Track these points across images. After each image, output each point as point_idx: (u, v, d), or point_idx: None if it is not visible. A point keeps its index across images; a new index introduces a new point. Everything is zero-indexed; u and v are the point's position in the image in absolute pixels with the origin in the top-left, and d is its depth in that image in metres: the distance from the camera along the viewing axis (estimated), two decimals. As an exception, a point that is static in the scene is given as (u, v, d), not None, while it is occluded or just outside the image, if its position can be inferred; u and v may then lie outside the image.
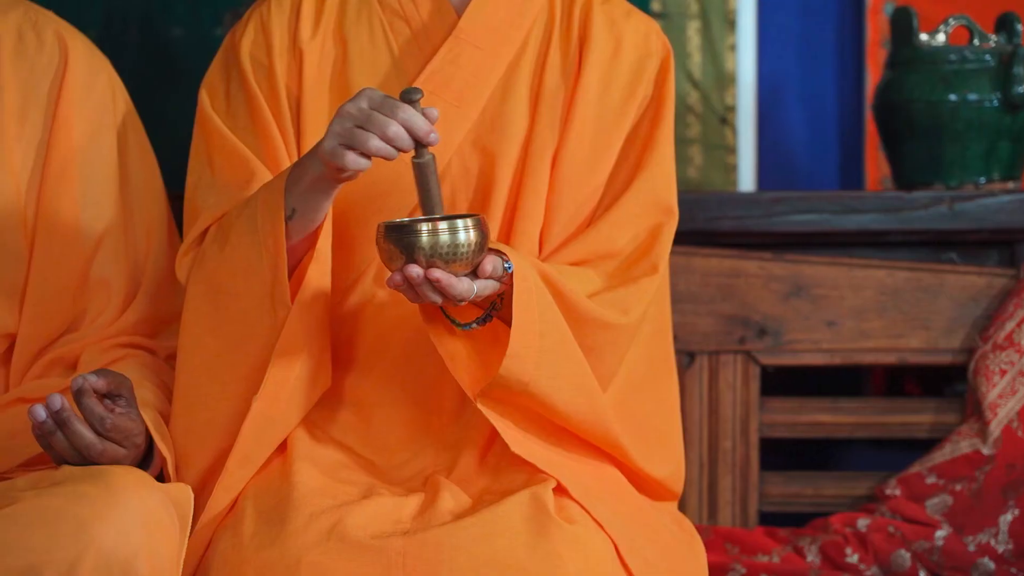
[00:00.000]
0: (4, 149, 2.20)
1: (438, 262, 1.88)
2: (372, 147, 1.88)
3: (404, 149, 1.90)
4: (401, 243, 1.88)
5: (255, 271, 2.02)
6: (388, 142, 1.89)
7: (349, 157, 1.90)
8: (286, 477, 2.03)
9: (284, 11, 2.21)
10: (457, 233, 1.88)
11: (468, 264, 1.90)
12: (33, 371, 2.21)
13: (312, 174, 1.97)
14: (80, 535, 1.83)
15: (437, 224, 1.88)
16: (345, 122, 1.90)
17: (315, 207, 1.99)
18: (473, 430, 2.09)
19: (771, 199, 2.64)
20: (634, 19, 2.21)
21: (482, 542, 1.91)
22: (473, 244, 1.89)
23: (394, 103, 1.89)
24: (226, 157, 2.14)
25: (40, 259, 2.20)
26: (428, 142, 1.90)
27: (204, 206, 2.13)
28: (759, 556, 2.47)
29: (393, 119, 1.88)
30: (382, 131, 1.88)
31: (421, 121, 1.89)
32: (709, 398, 2.63)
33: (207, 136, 2.17)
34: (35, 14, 2.28)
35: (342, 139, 1.90)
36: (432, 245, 1.87)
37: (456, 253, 1.88)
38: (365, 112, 1.89)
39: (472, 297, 1.91)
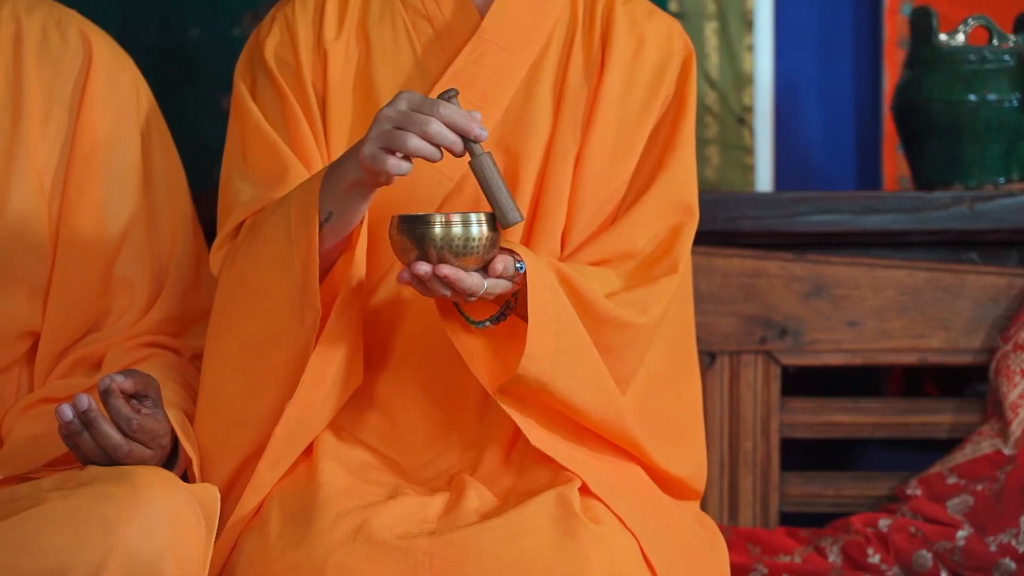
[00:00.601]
0: (28, 147, 2.20)
1: (448, 255, 1.88)
2: (412, 146, 1.88)
3: (448, 147, 1.89)
4: (413, 235, 1.89)
5: (286, 272, 2.02)
6: (429, 139, 1.88)
7: (391, 162, 1.89)
8: (312, 478, 2.02)
9: (308, 11, 2.21)
10: (470, 226, 1.89)
11: (479, 259, 1.90)
12: (57, 371, 2.21)
13: (350, 178, 1.96)
14: (106, 536, 1.83)
15: (450, 216, 1.89)
16: (383, 125, 1.89)
17: (352, 211, 1.99)
18: (497, 428, 2.09)
19: (791, 199, 2.64)
20: (656, 19, 2.21)
21: (508, 542, 1.91)
22: (485, 238, 1.89)
23: (433, 101, 1.89)
24: (261, 150, 2.14)
25: (63, 258, 2.20)
26: (476, 136, 1.89)
27: (238, 200, 2.13)
28: (781, 556, 2.47)
29: (433, 117, 1.88)
30: (422, 130, 1.87)
31: (462, 117, 1.88)
32: (730, 398, 2.63)
33: (243, 126, 2.17)
34: (59, 12, 2.28)
35: (381, 143, 1.89)
36: (444, 237, 1.88)
37: (467, 247, 1.88)
38: (403, 113, 1.89)
39: (481, 293, 1.91)
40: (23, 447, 2.11)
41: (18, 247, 2.18)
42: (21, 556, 1.82)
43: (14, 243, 2.17)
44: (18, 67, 2.22)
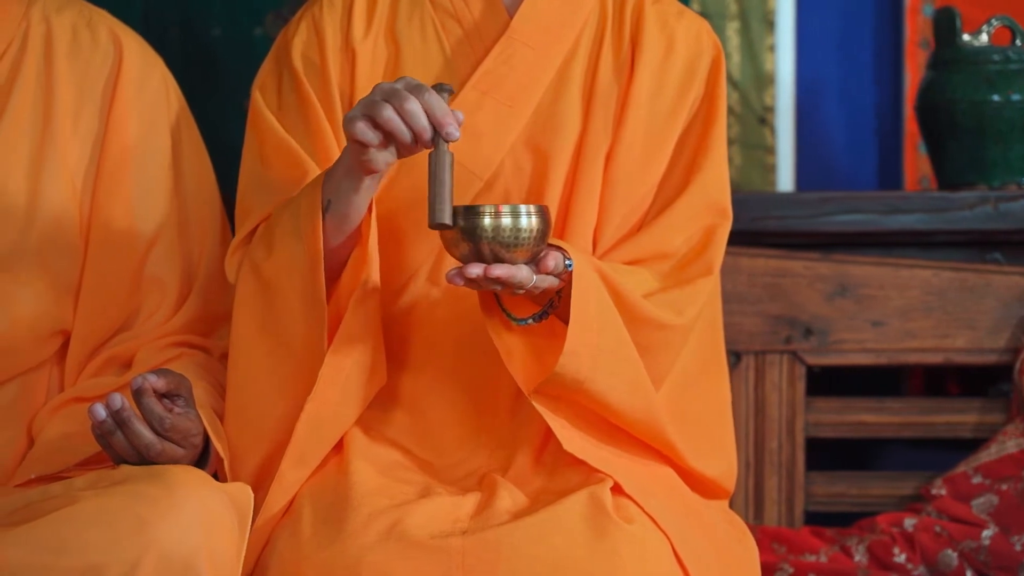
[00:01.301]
0: (59, 147, 2.20)
1: (498, 247, 1.88)
2: (384, 116, 1.87)
3: (418, 131, 1.87)
4: (462, 226, 1.88)
5: (297, 267, 2.02)
6: (401, 115, 1.87)
7: (359, 124, 1.88)
8: (343, 477, 2.03)
9: (336, 11, 2.21)
10: (519, 218, 1.88)
11: (528, 251, 1.89)
12: (88, 370, 2.21)
13: (344, 162, 1.97)
14: (141, 535, 1.83)
15: (500, 207, 1.88)
16: (373, 96, 1.89)
17: (347, 200, 1.98)
18: (528, 429, 2.09)
19: (817, 199, 2.64)
20: (686, 18, 2.21)
21: (541, 542, 1.91)
22: (535, 230, 1.89)
23: (424, 88, 1.89)
24: (280, 156, 2.14)
25: (95, 257, 2.21)
26: (445, 133, 1.87)
27: (256, 204, 2.13)
28: (806, 555, 2.47)
29: (415, 98, 1.87)
30: (399, 104, 1.87)
31: (442, 108, 1.87)
32: (755, 398, 2.63)
33: (260, 135, 2.17)
34: (89, 12, 2.29)
35: (362, 109, 1.89)
36: (494, 228, 1.87)
37: (517, 238, 1.88)
38: (392, 89, 1.89)
39: (530, 286, 1.90)
40: (54, 446, 2.12)
41: (49, 246, 2.18)
42: (56, 555, 1.82)
43: (45, 242, 2.18)
44: (49, 67, 2.23)
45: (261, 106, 2.18)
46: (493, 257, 1.88)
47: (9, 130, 2.19)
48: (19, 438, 2.17)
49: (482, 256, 1.88)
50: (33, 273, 2.17)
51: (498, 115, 2.13)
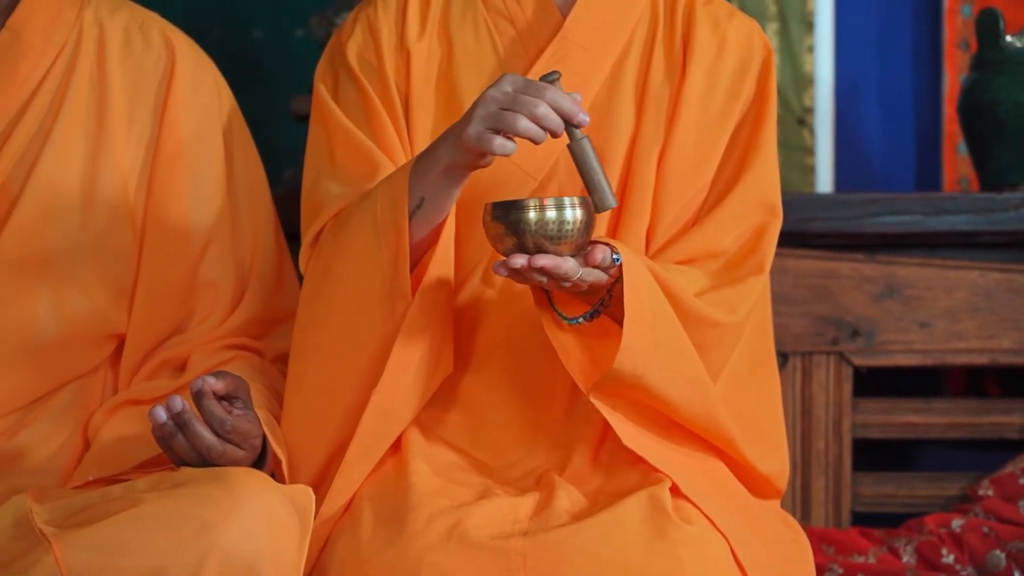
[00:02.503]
0: (113, 149, 2.21)
1: (543, 240, 1.88)
2: (521, 128, 1.88)
3: (552, 130, 1.89)
4: (507, 220, 1.88)
5: (373, 263, 2.02)
6: (537, 122, 1.88)
7: (496, 141, 1.89)
8: (402, 478, 2.03)
9: (390, 12, 2.21)
10: (564, 210, 1.88)
11: (573, 244, 1.89)
12: (142, 373, 2.22)
13: (445, 161, 1.97)
14: (204, 537, 1.83)
15: (544, 200, 1.88)
16: (490, 106, 1.90)
17: (445, 195, 1.99)
18: (585, 428, 2.09)
19: (862, 200, 2.65)
20: (736, 19, 2.22)
21: (601, 543, 1.92)
22: (579, 222, 1.89)
23: (540, 84, 1.89)
24: (349, 150, 2.14)
25: (149, 260, 2.21)
26: (578, 121, 1.89)
27: (327, 199, 2.13)
28: (855, 556, 2.47)
29: (541, 99, 1.88)
30: (530, 111, 1.88)
31: (567, 100, 1.89)
32: (802, 399, 2.63)
33: (327, 128, 2.17)
34: (141, 15, 2.29)
35: (488, 123, 1.89)
36: (539, 221, 1.87)
37: (562, 231, 1.88)
38: (510, 95, 1.89)
39: (576, 278, 1.90)
40: (111, 448, 2.12)
41: (104, 249, 2.18)
42: (120, 556, 1.83)
43: (100, 245, 2.18)
44: (102, 70, 2.23)
45: (326, 98, 2.18)
46: (538, 251, 1.88)
47: (64, 133, 2.19)
48: (75, 440, 2.18)
49: (527, 250, 1.88)
50: (88, 276, 2.17)
51: (552, 115, 2.14)
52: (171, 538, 1.83)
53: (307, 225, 2.15)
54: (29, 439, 2.15)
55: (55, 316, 2.16)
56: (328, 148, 2.17)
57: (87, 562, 1.83)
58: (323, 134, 2.18)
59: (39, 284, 2.15)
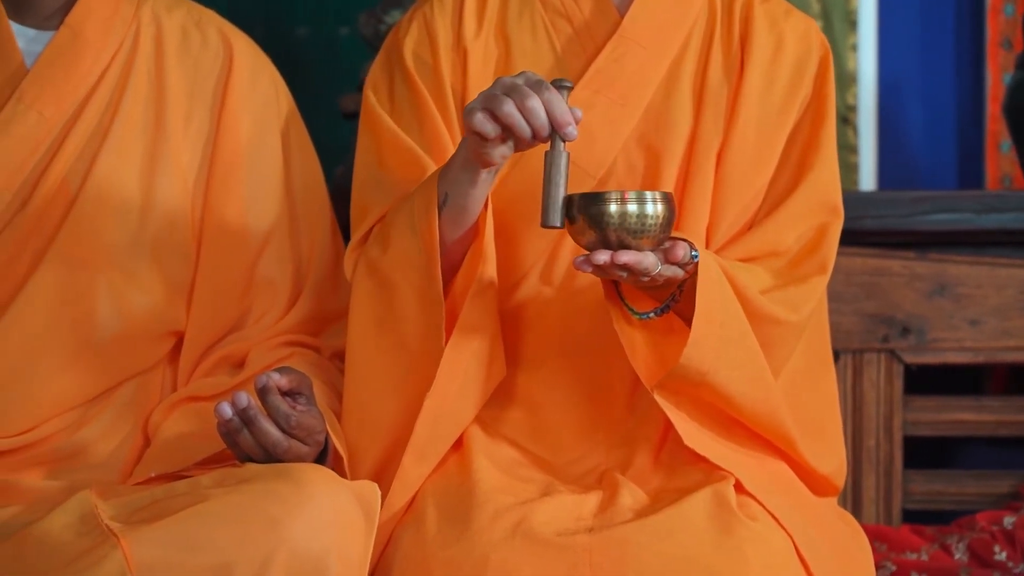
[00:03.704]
0: (171, 147, 2.21)
1: (624, 234, 1.88)
2: (505, 110, 1.87)
3: (536, 128, 1.88)
4: (588, 213, 1.88)
5: (413, 263, 2.03)
6: (522, 112, 1.87)
7: (478, 115, 1.88)
8: (467, 475, 2.03)
9: (447, 11, 2.22)
10: (645, 204, 1.88)
11: (653, 239, 1.89)
12: (200, 369, 2.22)
13: (460, 155, 1.98)
14: (272, 532, 1.83)
15: (626, 194, 1.88)
16: (494, 90, 1.90)
17: (464, 192, 1.99)
18: (646, 427, 2.09)
19: (912, 198, 2.65)
20: (793, 18, 2.22)
21: (667, 539, 1.92)
22: (660, 217, 1.88)
23: (545, 84, 1.89)
24: (397, 155, 2.15)
25: (208, 257, 2.21)
26: (564, 133, 1.88)
27: (373, 203, 2.14)
28: (907, 554, 2.47)
29: (536, 94, 1.88)
30: (520, 100, 1.87)
31: (561, 107, 1.88)
32: (853, 396, 2.64)
33: (376, 134, 2.18)
34: (198, 13, 2.30)
35: (482, 102, 1.90)
36: (620, 215, 1.87)
37: (644, 225, 1.88)
38: (513, 83, 1.89)
39: (655, 274, 1.90)
40: (172, 445, 2.12)
41: (163, 247, 2.19)
42: (188, 552, 1.83)
43: (159, 243, 2.18)
44: (160, 67, 2.23)
45: (375, 105, 2.19)
46: (619, 244, 1.88)
47: (123, 130, 2.19)
48: (135, 436, 2.18)
49: (608, 244, 1.88)
50: (147, 273, 2.18)
51: (610, 114, 2.14)
52: (238, 534, 1.83)
53: (354, 228, 2.16)
54: (90, 435, 2.16)
55: (115, 313, 2.16)
56: (376, 153, 2.18)
57: (155, 558, 1.83)
58: (372, 140, 2.19)
59: (99, 281, 2.16)
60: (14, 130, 2.15)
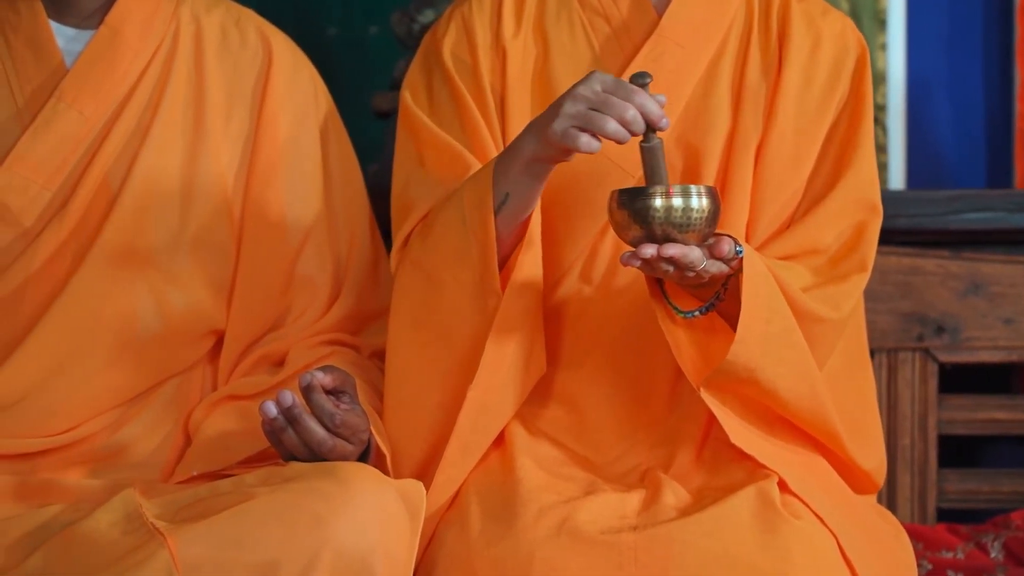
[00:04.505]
0: (211, 145, 2.21)
1: (670, 228, 1.88)
2: (610, 130, 1.89)
3: (638, 134, 1.90)
4: (633, 208, 1.88)
5: (463, 261, 2.04)
6: (625, 126, 1.89)
7: (583, 139, 1.90)
8: (509, 472, 2.04)
9: (485, 10, 2.22)
10: (690, 198, 1.89)
11: (699, 233, 1.89)
12: (240, 368, 2.23)
13: (527, 155, 1.98)
14: (317, 531, 1.84)
15: (671, 188, 1.88)
16: (579, 104, 1.91)
17: (528, 190, 2.00)
18: (687, 425, 2.10)
19: (947, 197, 2.65)
20: (831, 16, 2.23)
21: (711, 537, 1.92)
22: (706, 211, 1.89)
23: (629, 87, 1.90)
24: (438, 153, 2.15)
25: (248, 256, 2.22)
26: (660, 127, 1.91)
27: (417, 201, 2.14)
28: (943, 552, 2.47)
29: (630, 104, 1.89)
30: (620, 115, 1.89)
31: (654, 106, 1.90)
32: (888, 395, 2.64)
33: (415, 133, 2.18)
34: (237, 12, 2.30)
35: (576, 121, 1.90)
36: (666, 209, 1.88)
37: (689, 219, 1.88)
38: (600, 95, 1.90)
39: (700, 269, 1.91)
40: (214, 444, 2.12)
41: (203, 246, 2.19)
42: (234, 550, 1.83)
43: (199, 242, 2.19)
44: (199, 66, 2.24)
45: (411, 106, 2.20)
46: (665, 239, 1.89)
47: (163, 129, 2.20)
48: (176, 435, 2.19)
49: (654, 238, 1.89)
50: (187, 272, 2.18)
51: (649, 113, 2.14)
52: (284, 533, 1.84)
53: (397, 227, 2.16)
54: (131, 434, 2.16)
55: (156, 312, 2.16)
56: (416, 152, 2.18)
57: (201, 556, 1.83)
58: (411, 139, 2.20)
59: (139, 280, 2.16)
60: (54, 129, 2.16)
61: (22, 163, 2.15)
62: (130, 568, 1.83)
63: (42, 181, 2.15)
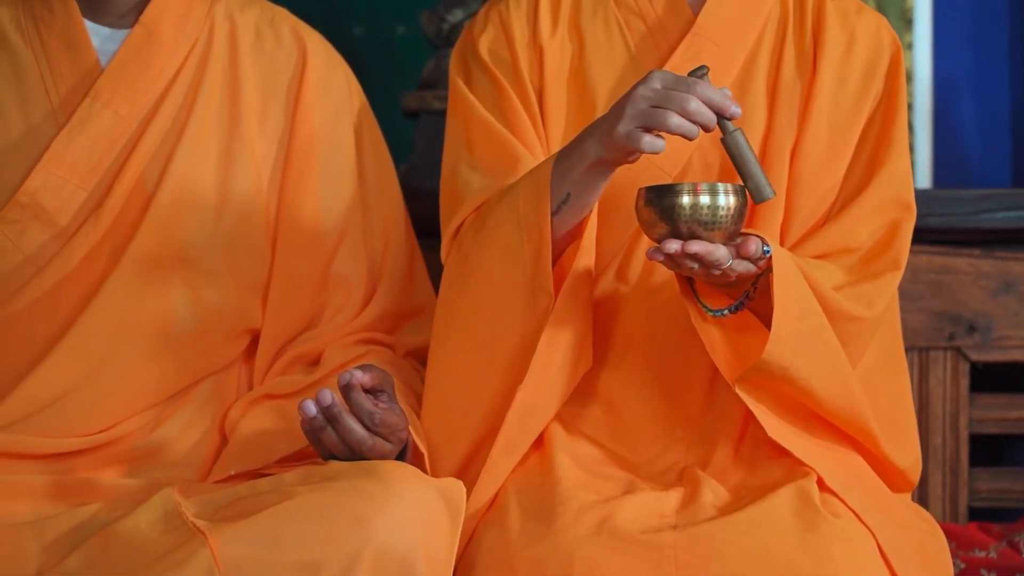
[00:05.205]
0: (246, 145, 2.21)
1: (696, 226, 1.88)
2: (673, 124, 1.88)
3: (704, 124, 1.89)
4: (660, 205, 1.88)
5: (515, 259, 2.03)
6: (688, 117, 1.88)
7: (646, 139, 1.89)
8: (548, 472, 2.03)
9: (522, 9, 2.23)
10: (717, 196, 1.88)
11: (725, 232, 1.89)
12: (276, 367, 2.22)
13: (591, 158, 1.97)
14: (359, 530, 1.84)
15: (698, 186, 1.88)
16: (640, 104, 1.90)
17: (591, 191, 2.00)
18: (725, 423, 2.09)
19: (978, 196, 2.65)
20: (865, 14, 2.23)
21: (751, 536, 1.92)
22: (732, 209, 1.89)
23: (690, 80, 1.90)
24: (488, 141, 2.15)
25: (283, 255, 2.21)
26: (731, 114, 1.89)
27: (468, 191, 2.14)
28: (976, 551, 2.47)
29: (691, 95, 1.88)
30: (682, 107, 1.88)
31: (718, 94, 1.89)
32: (919, 394, 2.63)
33: (466, 119, 2.18)
34: (271, 11, 2.30)
35: (639, 121, 1.90)
36: (692, 207, 1.87)
37: (715, 217, 1.88)
38: (661, 92, 1.90)
39: (727, 267, 1.90)
40: (251, 443, 2.12)
41: (239, 245, 2.19)
42: (274, 550, 1.83)
43: (234, 241, 2.19)
44: (234, 65, 2.23)
45: (463, 91, 2.19)
46: (691, 237, 1.89)
47: (198, 128, 2.19)
48: (212, 434, 2.18)
49: (680, 236, 1.89)
50: (223, 271, 2.18)
51: (685, 111, 2.14)
52: (326, 532, 1.84)
53: (447, 218, 2.16)
54: (168, 433, 2.16)
55: (191, 311, 2.16)
56: (467, 140, 2.18)
57: (242, 555, 1.83)
58: (461, 126, 2.19)
59: (175, 279, 2.16)
60: (90, 129, 2.16)
61: (57, 163, 2.15)
62: (171, 567, 1.83)
63: (77, 181, 2.15)
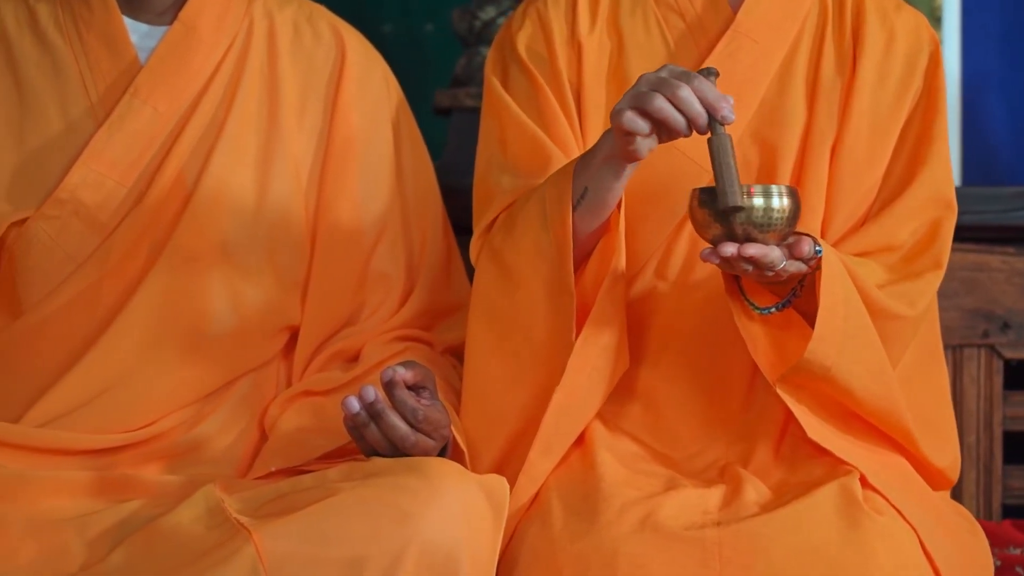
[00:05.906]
0: (285, 141, 2.21)
1: (751, 228, 1.88)
2: (655, 106, 1.87)
3: (692, 117, 1.88)
4: (714, 207, 1.88)
5: (542, 256, 2.03)
6: (676, 104, 1.87)
7: (627, 115, 1.89)
8: (590, 468, 2.04)
9: (560, 6, 2.23)
10: (771, 198, 1.88)
11: (779, 233, 1.89)
12: (314, 364, 2.22)
13: (604, 151, 1.98)
14: (403, 526, 1.84)
15: (751, 188, 1.88)
16: (640, 87, 1.90)
17: (606, 187, 1.99)
18: (765, 421, 2.09)
19: (1012, 194, 2.64)
20: (904, 12, 2.23)
21: (795, 533, 1.92)
22: (786, 211, 1.89)
23: (692, 74, 1.90)
24: (522, 141, 2.15)
25: (322, 252, 2.21)
26: (723, 117, 1.88)
27: (498, 189, 2.14)
28: (1011, 549, 2.47)
29: (686, 85, 1.88)
30: (671, 93, 1.87)
31: (713, 91, 1.88)
32: (953, 392, 2.61)
33: (500, 119, 2.19)
34: (309, 8, 2.30)
35: (633, 102, 1.90)
36: (747, 209, 1.87)
37: (770, 219, 1.88)
38: (661, 79, 1.89)
39: (779, 268, 1.91)
40: (291, 439, 2.12)
41: (278, 241, 2.19)
42: (319, 546, 1.83)
43: (275, 237, 2.18)
44: (273, 62, 2.24)
45: (499, 89, 2.19)
46: (745, 238, 1.89)
47: (237, 126, 2.19)
48: (251, 431, 2.18)
49: (735, 238, 1.89)
50: (262, 269, 2.18)
51: (725, 109, 2.14)
52: (370, 528, 1.84)
53: (479, 215, 2.16)
54: (207, 430, 2.16)
55: (230, 308, 2.16)
56: (500, 139, 2.18)
57: (287, 552, 1.83)
58: (495, 125, 2.19)
59: (215, 276, 2.16)
60: (129, 125, 2.16)
61: (97, 159, 2.15)
62: (216, 563, 1.83)
63: (117, 177, 2.15)
